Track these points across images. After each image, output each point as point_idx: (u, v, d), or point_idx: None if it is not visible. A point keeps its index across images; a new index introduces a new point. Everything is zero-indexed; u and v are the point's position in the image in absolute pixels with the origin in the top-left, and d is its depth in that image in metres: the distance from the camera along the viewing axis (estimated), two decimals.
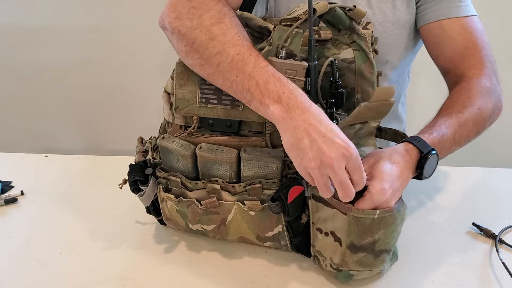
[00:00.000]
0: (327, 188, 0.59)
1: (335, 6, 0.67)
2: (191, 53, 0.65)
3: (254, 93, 0.61)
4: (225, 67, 0.63)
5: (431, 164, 0.68)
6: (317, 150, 0.57)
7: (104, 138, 1.79)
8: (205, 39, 0.64)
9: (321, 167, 0.57)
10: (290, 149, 0.60)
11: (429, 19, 0.86)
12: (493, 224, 0.80)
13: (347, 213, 0.61)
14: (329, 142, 0.57)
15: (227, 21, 0.65)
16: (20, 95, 1.74)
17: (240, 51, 0.63)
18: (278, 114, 0.59)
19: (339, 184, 0.58)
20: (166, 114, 0.73)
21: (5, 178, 0.99)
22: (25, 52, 1.66)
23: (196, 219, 0.73)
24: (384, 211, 0.61)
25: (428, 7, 0.86)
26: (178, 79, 0.69)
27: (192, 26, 0.64)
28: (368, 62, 0.71)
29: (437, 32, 0.85)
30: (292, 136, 0.58)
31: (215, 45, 0.63)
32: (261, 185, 0.68)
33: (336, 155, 0.57)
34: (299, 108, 0.59)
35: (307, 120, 0.58)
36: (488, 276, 0.71)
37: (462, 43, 0.84)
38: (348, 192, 0.58)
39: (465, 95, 0.78)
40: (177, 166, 0.71)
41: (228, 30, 0.64)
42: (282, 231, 0.71)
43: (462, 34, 0.84)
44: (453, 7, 0.84)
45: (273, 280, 0.71)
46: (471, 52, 0.83)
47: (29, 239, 0.82)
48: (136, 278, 0.72)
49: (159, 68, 1.61)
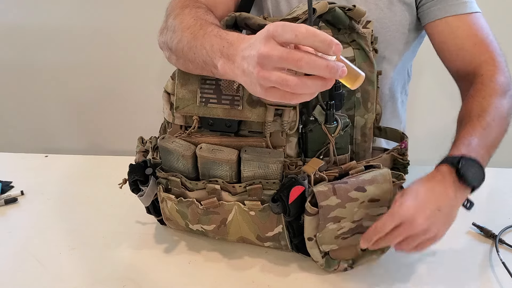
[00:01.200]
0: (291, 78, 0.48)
1: (334, 6, 0.67)
2: (170, 55, 0.69)
3: (207, 61, 0.60)
4: (186, 50, 0.64)
5: (471, 170, 0.64)
6: (251, 59, 0.50)
7: (104, 138, 1.79)
8: (170, 35, 0.68)
9: (263, 63, 0.48)
10: (247, 87, 0.53)
11: (435, 17, 0.85)
12: (493, 224, 0.80)
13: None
14: (255, 45, 0.49)
15: (186, 11, 0.69)
16: (20, 95, 1.74)
17: (193, 30, 0.64)
18: (224, 67, 0.56)
19: (295, 60, 0.46)
20: (166, 114, 0.73)
21: (5, 178, 0.99)
22: (25, 52, 1.66)
23: (196, 219, 0.73)
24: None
25: (432, 5, 0.85)
26: (179, 78, 0.70)
27: (166, 32, 0.70)
28: (368, 61, 0.71)
29: (442, 29, 0.85)
30: (241, 74, 0.53)
31: (177, 35, 0.66)
32: (261, 186, 0.67)
33: (265, 46, 0.48)
34: (235, 50, 0.54)
35: (240, 53, 0.53)
36: (488, 276, 0.71)
37: (469, 39, 0.82)
38: (318, 63, 0.46)
39: (480, 96, 0.76)
40: (177, 166, 0.71)
41: (185, 17, 0.67)
42: (282, 231, 0.71)
43: (469, 31, 0.83)
44: (457, 4, 0.83)
45: (273, 280, 0.71)
46: (480, 49, 0.81)
47: (29, 239, 0.82)
48: (136, 278, 0.72)
49: (159, 68, 1.61)
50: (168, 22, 0.71)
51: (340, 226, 0.66)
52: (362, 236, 0.64)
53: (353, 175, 0.67)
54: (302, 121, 0.68)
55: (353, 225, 0.67)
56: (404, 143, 0.74)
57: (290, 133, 0.67)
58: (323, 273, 0.72)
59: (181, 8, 0.71)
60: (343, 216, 0.65)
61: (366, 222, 0.67)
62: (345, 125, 0.69)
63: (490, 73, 0.79)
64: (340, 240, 0.69)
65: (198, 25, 0.64)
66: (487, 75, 0.79)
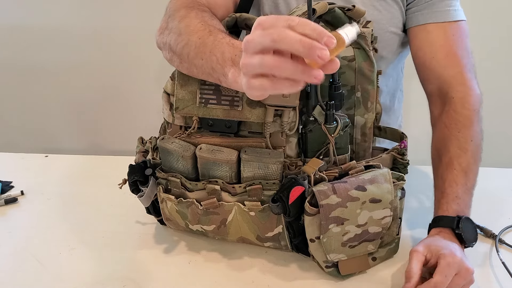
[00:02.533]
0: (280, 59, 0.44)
1: (334, 6, 0.67)
2: (172, 57, 0.68)
3: (217, 68, 0.59)
4: (193, 55, 0.63)
5: (467, 228, 0.70)
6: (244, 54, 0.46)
7: (104, 138, 1.79)
8: (175, 37, 0.66)
9: (246, 49, 0.45)
10: (245, 92, 0.49)
11: (417, 22, 0.86)
12: (493, 224, 0.80)
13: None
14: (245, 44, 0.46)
15: (192, 14, 0.67)
16: (20, 95, 1.74)
17: (201, 35, 0.62)
18: (235, 75, 0.54)
19: (270, 34, 0.43)
20: (166, 115, 0.73)
21: (5, 178, 0.99)
22: (25, 52, 1.66)
23: (196, 220, 0.73)
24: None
25: (417, 10, 0.85)
26: (179, 79, 0.69)
27: (168, 32, 0.68)
28: (368, 60, 0.71)
29: (421, 36, 0.85)
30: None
31: (183, 38, 0.65)
32: (261, 186, 0.67)
33: (250, 35, 0.45)
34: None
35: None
36: (488, 276, 0.71)
37: (442, 49, 0.83)
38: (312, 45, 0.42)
39: (455, 129, 0.78)
40: (177, 167, 0.71)
41: (191, 21, 0.66)
42: (282, 231, 0.71)
43: (444, 41, 0.83)
44: (441, 11, 0.83)
45: (273, 280, 0.71)
46: (450, 61, 0.82)
47: (29, 239, 0.82)
48: (136, 278, 0.72)
49: (159, 68, 1.61)
50: (171, 23, 0.70)
51: (345, 230, 0.66)
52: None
53: (353, 175, 0.67)
54: (302, 122, 0.68)
55: (359, 231, 0.67)
56: (403, 143, 0.74)
57: (289, 133, 0.67)
58: (323, 273, 0.72)
59: (187, 10, 0.70)
60: (346, 218, 0.65)
61: (372, 227, 0.67)
62: (345, 125, 0.69)
63: (461, 95, 0.80)
64: (348, 248, 0.68)
65: (207, 31, 0.63)
66: (458, 98, 0.80)
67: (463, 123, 0.78)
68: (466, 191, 0.74)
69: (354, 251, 0.69)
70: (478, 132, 0.78)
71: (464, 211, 0.72)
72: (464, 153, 0.76)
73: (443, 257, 0.64)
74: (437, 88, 0.84)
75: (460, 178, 0.74)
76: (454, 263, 0.63)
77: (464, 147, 0.76)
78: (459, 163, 0.75)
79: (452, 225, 0.70)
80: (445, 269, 0.62)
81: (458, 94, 0.80)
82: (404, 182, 0.68)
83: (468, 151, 0.76)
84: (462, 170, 0.74)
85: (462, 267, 0.63)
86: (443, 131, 0.79)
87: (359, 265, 0.71)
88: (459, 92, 0.80)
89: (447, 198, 0.73)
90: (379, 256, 0.72)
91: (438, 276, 0.62)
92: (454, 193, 0.73)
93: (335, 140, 0.68)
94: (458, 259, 0.63)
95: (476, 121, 0.79)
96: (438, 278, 0.62)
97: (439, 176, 0.77)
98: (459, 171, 0.74)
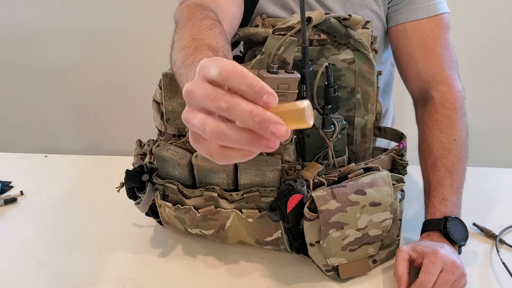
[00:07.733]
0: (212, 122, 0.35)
1: (329, 16, 0.66)
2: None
3: None
4: (176, 76, 0.58)
5: (455, 227, 0.71)
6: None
7: (104, 138, 1.79)
8: (170, 52, 0.62)
9: (188, 101, 0.36)
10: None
11: (396, 22, 0.84)
12: (493, 224, 0.80)
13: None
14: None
15: (189, 25, 0.62)
16: (20, 95, 1.74)
17: (184, 54, 0.56)
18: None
19: (214, 98, 0.34)
20: (158, 123, 0.72)
21: (5, 178, 0.99)
22: (25, 52, 1.66)
23: (195, 224, 0.73)
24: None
25: (397, 8, 0.84)
26: (166, 91, 0.68)
27: (172, 43, 0.63)
28: (368, 62, 0.71)
29: (400, 35, 0.84)
30: None
31: (174, 54, 0.59)
32: (258, 193, 0.67)
33: (191, 83, 0.36)
34: None
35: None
36: (488, 276, 0.71)
37: (420, 49, 0.81)
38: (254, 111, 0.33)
39: (438, 130, 0.77)
40: (173, 174, 0.70)
41: (184, 34, 0.60)
42: (282, 236, 0.70)
43: (422, 40, 0.81)
44: (420, 7, 0.81)
45: (272, 281, 0.71)
46: (430, 61, 0.81)
47: (28, 239, 0.82)
48: (136, 278, 0.72)
49: (159, 68, 1.60)
50: (173, 34, 0.65)
51: (345, 234, 0.66)
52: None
53: (352, 179, 0.67)
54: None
55: (359, 234, 0.66)
56: (402, 143, 0.74)
57: (285, 143, 0.67)
58: (323, 274, 0.71)
59: (187, 18, 0.65)
60: (346, 222, 0.65)
61: (372, 230, 0.67)
62: (342, 128, 0.68)
63: (441, 94, 0.79)
64: (348, 252, 0.68)
65: (192, 48, 0.56)
66: (438, 97, 0.79)
67: (445, 123, 0.77)
68: (453, 192, 0.73)
69: (354, 254, 0.69)
70: (461, 129, 0.77)
71: (453, 211, 0.72)
72: (448, 153, 0.75)
73: (426, 256, 0.65)
74: (418, 89, 0.83)
75: (446, 180, 0.74)
76: (436, 259, 0.63)
77: (447, 148, 0.76)
78: (444, 164, 0.75)
79: (439, 227, 0.71)
80: (428, 267, 0.63)
81: (438, 94, 0.79)
82: (403, 184, 0.68)
83: (452, 151, 0.75)
84: (447, 171, 0.74)
85: (446, 263, 0.63)
86: (426, 133, 0.79)
87: (360, 268, 0.71)
88: (438, 91, 0.79)
89: (434, 201, 0.73)
90: (380, 258, 0.72)
91: (422, 275, 0.63)
92: (440, 195, 0.73)
93: (333, 144, 0.68)
94: (440, 256, 0.64)
95: (458, 119, 0.78)
96: (422, 276, 0.63)
97: (425, 179, 0.77)
98: (444, 172, 0.74)
